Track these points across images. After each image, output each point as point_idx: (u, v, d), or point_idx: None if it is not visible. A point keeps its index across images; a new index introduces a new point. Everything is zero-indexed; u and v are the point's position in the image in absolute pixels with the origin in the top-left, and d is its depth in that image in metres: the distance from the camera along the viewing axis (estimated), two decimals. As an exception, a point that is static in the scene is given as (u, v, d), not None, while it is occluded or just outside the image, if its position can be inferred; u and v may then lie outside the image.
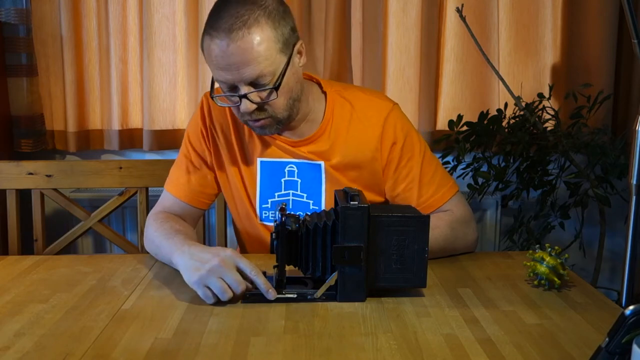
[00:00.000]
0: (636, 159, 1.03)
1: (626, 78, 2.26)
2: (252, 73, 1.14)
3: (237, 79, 1.15)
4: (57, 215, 2.22)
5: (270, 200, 1.35)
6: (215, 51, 1.14)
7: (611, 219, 2.21)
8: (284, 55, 1.17)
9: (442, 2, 2.21)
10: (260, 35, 1.13)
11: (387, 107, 1.32)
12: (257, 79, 1.15)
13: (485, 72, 2.22)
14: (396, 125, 1.31)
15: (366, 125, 1.31)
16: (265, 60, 1.14)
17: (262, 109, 1.19)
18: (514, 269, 1.26)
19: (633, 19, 1.02)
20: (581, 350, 0.91)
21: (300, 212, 1.28)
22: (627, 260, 1.08)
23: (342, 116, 1.32)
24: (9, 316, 1.03)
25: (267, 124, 1.22)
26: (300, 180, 1.33)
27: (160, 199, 1.39)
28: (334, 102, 1.32)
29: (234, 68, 1.14)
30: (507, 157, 2.11)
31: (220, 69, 1.15)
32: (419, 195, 1.32)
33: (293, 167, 1.33)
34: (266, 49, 1.13)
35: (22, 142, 2.17)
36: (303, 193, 1.34)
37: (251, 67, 1.13)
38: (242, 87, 1.16)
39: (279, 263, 1.09)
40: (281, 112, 1.22)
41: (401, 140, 1.31)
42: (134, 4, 2.20)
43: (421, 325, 0.99)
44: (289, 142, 1.33)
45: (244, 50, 1.12)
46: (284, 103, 1.21)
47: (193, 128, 1.38)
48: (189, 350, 0.91)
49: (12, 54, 2.14)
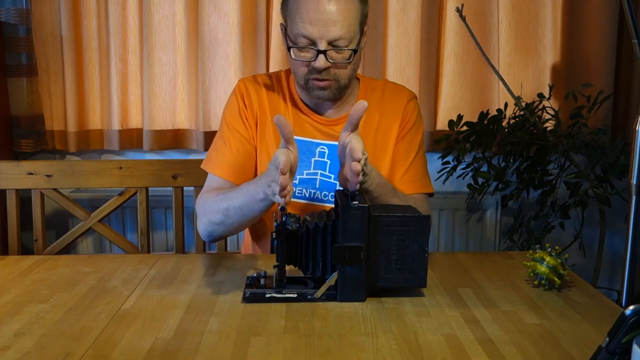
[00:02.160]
0: (636, 159, 1.03)
1: (626, 78, 2.26)
2: (337, 33, 1.23)
3: (322, 35, 1.23)
4: (57, 215, 2.22)
5: (299, 177, 1.37)
6: (308, 5, 1.23)
7: (611, 219, 2.21)
8: (360, 29, 1.29)
9: (442, 2, 2.21)
10: (352, 3, 1.25)
11: (411, 94, 1.46)
12: (338, 40, 1.24)
13: (485, 72, 2.22)
14: (414, 110, 1.43)
15: (394, 107, 1.42)
16: (350, 25, 1.24)
17: (332, 69, 1.28)
18: (514, 269, 1.26)
19: (633, 19, 1.02)
20: (581, 350, 0.91)
21: (327, 191, 1.37)
22: (627, 260, 1.08)
23: (374, 98, 1.41)
24: (9, 316, 1.03)
25: (330, 85, 1.30)
26: (329, 161, 1.38)
27: (206, 183, 1.39)
28: (366, 87, 1.44)
29: (322, 24, 1.22)
30: (507, 157, 2.11)
31: (308, 23, 1.23)
32: (404, 172, 1.39)
33: (324, 149, 1.38)
34: (353, 16, 1.25)
35: (22, 142, 2.17)
36: (331, 174, 1.38)
37: (338, 27, 1.23)
38: (322, 43, 1.24)
39: (279, 263, 1.09)
40: (344, 79, 1.31)
41: (413, 121, 1.42)
42: (134, 4, 2.20)
43: (421, 325, 0.99)
44: (325, 122, 1.39)
45: (338, 10, 1.23)
46: (350, 71, 1.31)
47: (231, 110, 1.42)
48: (189, 350, 0.91)
49: (12, 54, 2.14)
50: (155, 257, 1.34)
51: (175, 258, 1.33)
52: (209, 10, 2.19)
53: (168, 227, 2.29)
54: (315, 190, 1.37)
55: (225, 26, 2.19)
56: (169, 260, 1.31)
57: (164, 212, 2.28)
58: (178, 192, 1.66)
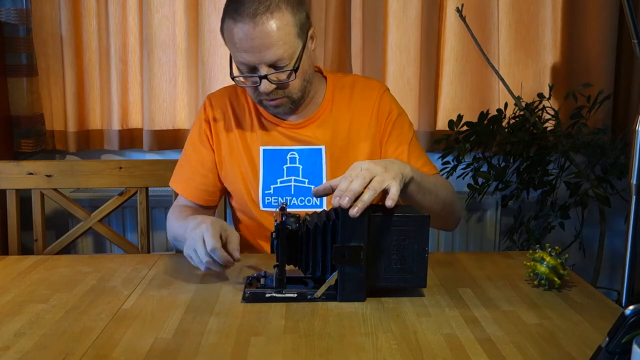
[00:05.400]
0: (636, 159, 1.03)
1: (626, 78, 2.26)
2: (273, 55, 1.22)
3: (258, 61, 1.23)
4: (57, 215, 2.22)
5: (272, 186, 1.38)
6: (238, 34, 1.21)
7: (611, 219, 2.21)
8: (300, 40, 1.26)
9: (442, 2, 2.21)
10: (282, 20, 1.21)
11: (382, 87, 1.44)
12: (277, 62, 1.23)
13: (485, 72, 2.22)
14: (391, 102, 1.42)
15: (365, 103, 1.40)
16: (285, 44, 1.22)
17: (279, 89, 1.28)
18: (514, 269, 1.26)
19: (633, 19, 1.02)
20: (581, 350, 0.91)
21: (302, 197, 1.37)
22: (627, 260, 1.08)
23: (342, 96, 1.41)
24: (9, 316, 1.03)
25: (282, 103, 1.31)
26: (301, 166, 1.38)
27: (177, 198, 1.48)
28: (334, 85, 1.42)
29: (256, 50, 1.21)
30: (507, 157, 2.11)
31: (242, 51, 1.23)
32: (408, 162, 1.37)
33: (294, 154, 1.38)
34: (286, 33, 1.22)
35: (22, 142, 2.17)
36: (304, 179, 1.38)
37: (272, 50, 1.21)
38: (262, 68, 1.24)
39: (279, 263, 1.09)
40: (296, 93, 1.31)
41: (395, 114, 1.40)
42: (134, 4, 2.20)
43: (421, 325, 0.99)
44: (292, 126, 1.39)
45: (267, 34, 1.20)
46: (300, 84, 1.30)
47: (197, 130, 1.44)
48: (189, 350, 0.91)
49: (12, 54, 2.13)
50: (155, 257, 1.34)
51: (175, 258, 1.33)
52: (209, 10, 2.18)
53: (168, 227, 2.29)
54: (291, 197, 1.37)
55: (225, 26, 2.19)
56: (169, 260, 1.31)
57: (164, 212, 2.28)
58: (178, 192, 1.66)
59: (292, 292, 1.09)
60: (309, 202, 1.37)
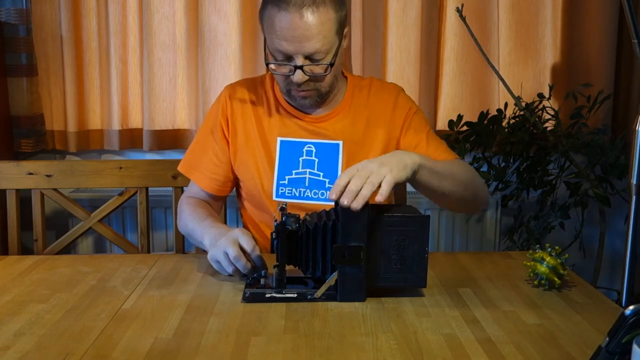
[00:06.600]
0: (636, 159, 1.03)
1: (626, 78, 2.26)
2: (311, 48, 1.24)
3: (297, 51, 1.24)
4: (57, 215, 2.22)
5: (287, 177, 1.39)
6: (281, 22, 1.23)
7: (611, 219, 2.21)
8: (338, 37, 1.29)
9: (442, 2, 2.21)
10: (325, 15, 1.24)
11: (399, 88, 1.49)
12: (314, 54, 1.25)
13: (485, 72, 2.22)
14: (407, 100, 1.47)
15: (383, 102, 1.43)
16: (324, 38, 1.24)
17: (311, 81, 1.30)
18: (514, 269, 1.26)
19: (633, 19, 1.02)
20: (581, 350, 0.91)
21: (316, 189, 1.38)
22: (627, 260, 1.08)
23: (361, 95, 1.44)
24: (9, 316, 1.03)
25: (310, 95, 1.33)
26: (317, 159, 1.39)
27: (189, 186, 1.49)
28: (353, 85, 1.45)
29: (297, 40, 1.23)
30: (507, 157, 2.11)
31: (282, 39, 1.24)
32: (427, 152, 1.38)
33: (311, 147, 1.40)
34: (328, 28, 1.25)
35: (22, 142, 2.17)
36: (319, 172, 1.39)
37: (312, 42, 1.23)
38: (299, 58, 1.25)
39: (279, 263, 1.09)
40: (325, 87, 1.33)
41: (414, 109, 1.45)
42: (134, 4, 2.20)
43: (421, 325, 0.99)
44: (312, 119, 1.40)
45: (310, 26, 1.22)
46: (330, 79, 1.33)
47: (212, 119, 1.45)
48: (189, 350, 0.91)
49: (12, 54, 2.13)
50: (155, 257, 1.34)
51: (175, 258, 1.33)
52: (209, 10, 2.19)
53: (168, 227, 2.29)
54: (305, 189, 1.38)
55: (225, 26, 2.19)
56: (169, 260, 1.31)
57: (164, 212, 2.28)
58: (178, 192, 1.66)
59: (292, 292, 1.09)
60: (322, 195, 1.38)
